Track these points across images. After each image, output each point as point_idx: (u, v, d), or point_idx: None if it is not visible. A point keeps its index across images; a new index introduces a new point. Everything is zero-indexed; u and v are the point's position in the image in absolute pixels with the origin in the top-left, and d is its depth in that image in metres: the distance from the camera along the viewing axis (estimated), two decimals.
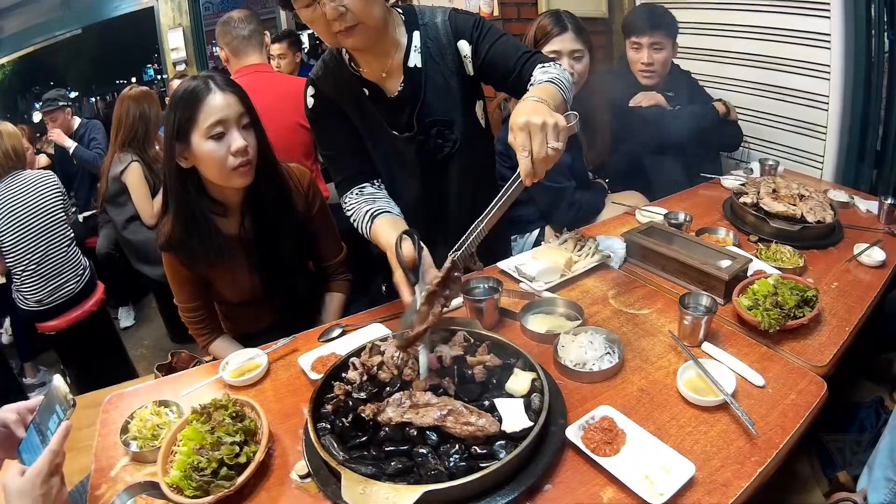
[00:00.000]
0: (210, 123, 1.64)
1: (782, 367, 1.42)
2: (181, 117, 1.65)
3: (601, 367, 1.41)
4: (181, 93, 1.66)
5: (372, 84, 1.74)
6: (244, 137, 1.70)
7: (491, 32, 1.70)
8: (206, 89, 1.65)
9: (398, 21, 1.71)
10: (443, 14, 1.72)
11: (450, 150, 1.81)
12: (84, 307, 3.31)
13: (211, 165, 1.69)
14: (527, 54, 1.65)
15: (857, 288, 1.77)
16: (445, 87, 1.74)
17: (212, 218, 1.80)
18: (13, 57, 6.84)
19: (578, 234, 2.05)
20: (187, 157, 1.70)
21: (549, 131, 1.21)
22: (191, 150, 1.68)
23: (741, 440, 1.20)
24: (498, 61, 1.68)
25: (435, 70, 1.72)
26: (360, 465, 1.11)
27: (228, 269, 1.87)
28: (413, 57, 1.70)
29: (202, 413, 1.26)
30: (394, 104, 1.75)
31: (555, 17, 2.40)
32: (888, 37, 2.74)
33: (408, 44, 1.70)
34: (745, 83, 3.31)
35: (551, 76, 1.49)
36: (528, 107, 1.27)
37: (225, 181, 1.73)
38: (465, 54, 1.72)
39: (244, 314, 2.05)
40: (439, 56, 1.72)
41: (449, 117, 1.77)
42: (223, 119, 1.66)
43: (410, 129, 1.76)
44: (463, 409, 1.18)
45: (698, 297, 1.58)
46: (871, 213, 2.29)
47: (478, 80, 1.78)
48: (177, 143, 1.67)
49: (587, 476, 1.14)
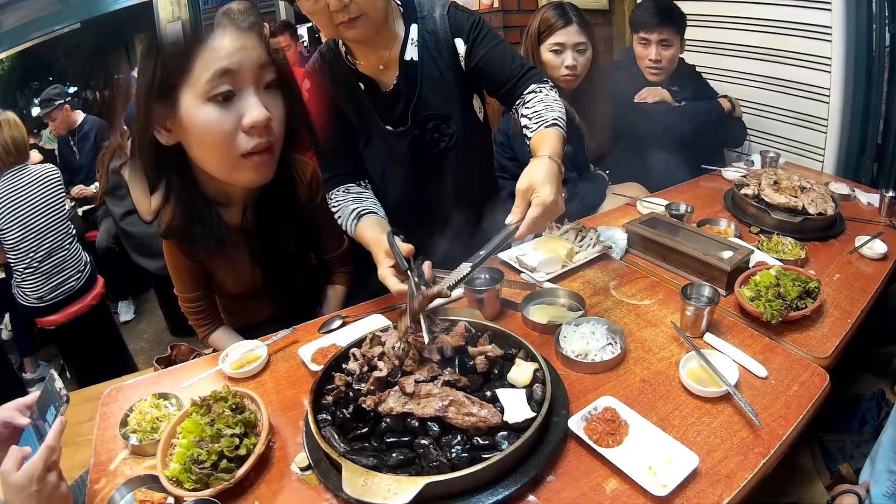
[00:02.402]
0: (212, 74, 1.14)
1: (785, 358, 1.42)
2: (165, 61, 1.14)
3: (603, 358, 1.41)
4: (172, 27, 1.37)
5: (367, 78, 1.73)
6: (265, 104, 1.22)
7: (489, 37, 1.70)
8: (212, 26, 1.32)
9: (397, 13, 1.70)
10: (441, 8, 1.71)
11: (446, 145, 1.80)
12: (84, 301, 3.31)
13: (208, 147, 1.23)
14: (521, 68, 1.69)
15: (859, 280, 1.77)
16: (442, 80, 1.73)
17: (214, 206, 1.64)
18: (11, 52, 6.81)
19: (579, 224, 2.04)
20: (170, 128, 1.22)
21: (554, 211, 1.33)
22: (177, 118, 1.19)
23: (744, 431, 1.20)
24: (492, 69, 1.70)
25: (431, 64, 1.71)
26: (361, 456, 1.10)
27: (229, 260, 1.84)
28: (410, 50, 1.69)
29: (202, 405, 1.26)
30: (388, 98, 1.74)
31: (559, 9, 2.39)
32: (889, 30, 2.74)
33: (405, 37, 1.69)
34: (747, 75, 3.31)
35: (554, 116, 1.55)
36: (545, 166, 1.36)
37: (228, 174, 1.33)
38: (461, 53, 1.71)
39: (244, 306, 2.03)
40: (436, 50, 1.71)
41: (445, 111, 1.76)
42: (234, 69, 1.16)
43: (404, 123, 1.76)
44: (465, 399, 1.17)
45: (700, 288, 1.57)
46: (873, 206, 2.29)
47: (469, 78, 1.77)
48: (155, 102, 1.16)
49: (590, 467, 1.14)
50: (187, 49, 1.12)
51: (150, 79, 1.14)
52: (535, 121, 1.57)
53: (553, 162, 1.38)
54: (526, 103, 1.64)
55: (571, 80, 2.41)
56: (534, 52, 2.43)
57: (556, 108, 1.60)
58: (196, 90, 1.14)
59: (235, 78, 1.18)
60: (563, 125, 1.55)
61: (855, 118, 2.92)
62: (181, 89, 1.14)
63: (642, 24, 2.73)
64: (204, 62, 1.13)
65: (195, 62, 1.12)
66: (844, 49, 2.80)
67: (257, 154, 1.27)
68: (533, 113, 1.60)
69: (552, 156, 1.40)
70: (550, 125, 1.53)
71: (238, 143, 1.24)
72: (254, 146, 1.25)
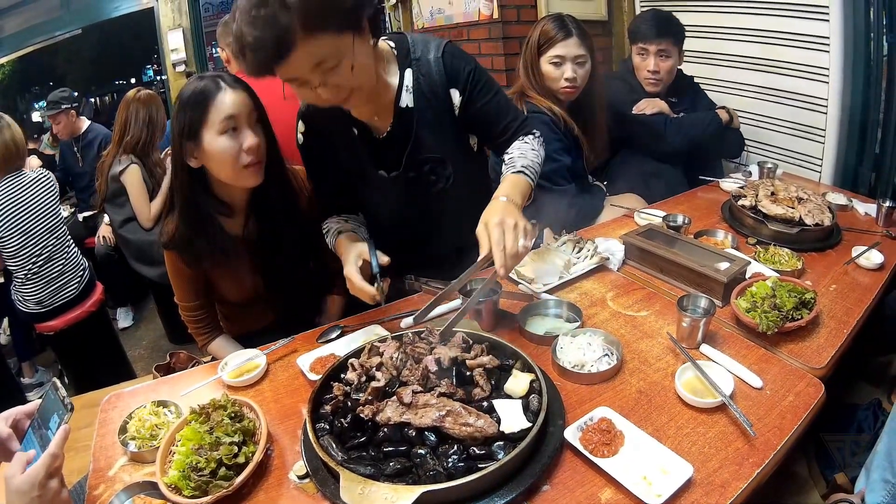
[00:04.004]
0: (223, 119, 1.63)
1: (780, 368, 1.43)
2: (192, 115, 1.64)
3: (599, 369, 1.42)
4: (190, 92, 1.64)
5: (362, 124, 1.73)
6: (255, 135, 1.69)
7: (485, 89, 1.71)
8: (216, 87, 1.64)
9: (390, 58, 1.67)
10: (436, 49, 1.67)
11: (444, 186, 1.79)
12: (83, 307, 3.30)
13: (222, 163, 1.67)
14: (515, 122, 1.76)
15: (856, 290, 1.78)
16: (438, 124, 1.71)
17: (217, 217, 1.80)
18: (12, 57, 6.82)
19: (577, 236, 2.06)
20: (197, 157, 1.69)
21: (520, 231, 1.40)
22: (201, 149, 1.66)
23: (739, 441, 1.21)
24: (487, 123, 1.75)
25: (426, 108, 1.69)
26: (359, 465, 1.11)
27: (231, 270, 1.87)
28: (405, 97, 1.67)
29: (201, 413, 1.26)
30: (383, 144, 1.73)
31: (559, 21, 2.41)
32: (887, 39, 2.75)
33: (399, 83, 1.67)
34: (744, 86, 3.33)
35: (524, 164, 1.65)
36: (501, 207, 1.46)
37: (235, 180, 1.72)
38: (455, 103, 1.70)
39: (244, 314, 2.05)
40: (431, 94, 1.68)
41: (441, 154, 1.75)
42: (235, 115, 1.64)
43: (398, 168, 1.75)
44: (461, 409, 1.18)
45: (697, 299, 1.58)
46: (870, 216, 2.30)
47: (462, 124, 1.76)
48: (187, 141, 1.66)
49: (585, 477, 1.15)
50: (206, 104, 1.63)
51: (183, 125, 1.65)
52: (507, 165, 1.67)
53: (506, 202, 1.48)
54: (507, 161, 1.70)
55: (571, 92, 2.42)
56: (533, 64, 2.44)
57: (531, 156, 1.68)
58: (213, 129, 1.64)
59: (237, 119, 1.66)
60: (532, 173, 1.65)
61: (853, 128, 2.93)
62: (203, 130, 1.64)
63: (641, 34, 2.74)
64: (216, 112, 1.63)
65: (210, 112, 1.63)
66: (842, 59, 2.82)
67: (252, 166, 1.71)
68: (508, 158, 1.70)
69: (509, 196, 1.50)
70: (518, 171, 1.62)
71: (241, 160, 1.68)
72: (250, 160, 1.69)
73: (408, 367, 1.32)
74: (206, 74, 1.70)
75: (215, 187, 1.79)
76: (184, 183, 1.74)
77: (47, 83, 7.20)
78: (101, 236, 4.22)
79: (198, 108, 1.63)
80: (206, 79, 1.67)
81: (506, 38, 3.61)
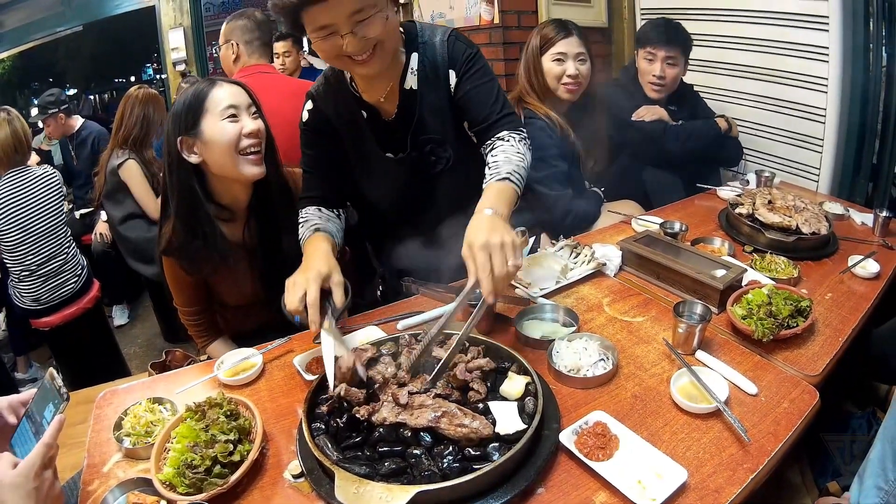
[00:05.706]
0: (224, 107, 1.69)
1: (775, 375, 1.43)
2: (190, 109, 1.69)
3: (595, 373, 1.42)
4: (190, 93, 1.70)
5: (370, 106, 1.75)
6: (255, 123, 1.74)
7: (479, 73, 1.71)
8: (212, 84, 1.71)
9: (400, 41, 1.70)
10: (442, 34, 1.71)
11: (443, 167, 1.82)
12: (80, 304, 3.29)
13: (224, 148, 1.69)
14: (500, 111, 1.69)
15: (851, 299, 1.78)
16: (439, 106, 1.74)
17: (217, 223, 1.80)
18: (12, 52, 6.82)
19: (574, 241, 2.06)
20: (197, 149, 1.71)
21: (507, 250, 1.30)
22: (201, 139, 1.69)
23: (733, 447, 1.21)
24: (472, 105, 1.71)
25: (429, 90, 1.72)
26: (354, 465, 1.11)
27: (230, 274, 1.87)
28: (409, 79, 1.71)
29: (196, 411, 1.26)
30: (390, 127, 1.76)
31: (559, 23, 2.45)
32: (886, 50, 2.77)
33: (405, 65, 1.70)
34: (744, 95, 3.34)
35: (509, 170, 1.56)
36: (485, 224, 1.37)
37: (235, 169, 1.72)
38: (451, 84, 1.72)
39: (241, 315, 2.05)
40: (434, 76, 1.71)
41: (442, 136, 1.77)
42: (235, 104, 1.71)
43: (403, 150, 1.78)
44: (457, 410, 1.18)
45: (693, 306, 1.58)
46: (866, 226, 2.31)
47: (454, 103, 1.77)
48: (185, 136, 1.68)
49: (580, 480, 1.15)
50: (205, 97, 1.69)
51: (179, 122, 1.69)
52: (492, 171, 1.58)
53: (491, 215, 1.40)
54: (493, 150, 1.64)
55: (575, 89, 2.43)
56: (535, 64, 2.45)
57: (516, 160, 1.60)
58: (214, 115, 1.68)
59: (237, 108, 1.71)
60: (518, 179, 1.56)
61: (850, 138, 2.95)
62: (202, 119, 1.68)
63: (650, 39, 2.75)
64: (216, 102, 1.69)
65: (210, 103, 1.69)
66: (841, 70, 2.84)
67: (253, 153, 1.73)
68: (493, 162, 1.61)
69: (494, 208, 1.42)
70: (502, 179, 1.54)
71: (241, 143, 1.70)
72: (250, 145, 1.72)
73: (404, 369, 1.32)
74: (202, 79, 1.78)
75: (215, 190, 1.80)
76: (181, 180, 1.74)
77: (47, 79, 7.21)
78: (98, 233, 4.22)
79: (196, 101, 1.69)
80: (202, 81, 1.74)
81: (506, 44, 3.62)
